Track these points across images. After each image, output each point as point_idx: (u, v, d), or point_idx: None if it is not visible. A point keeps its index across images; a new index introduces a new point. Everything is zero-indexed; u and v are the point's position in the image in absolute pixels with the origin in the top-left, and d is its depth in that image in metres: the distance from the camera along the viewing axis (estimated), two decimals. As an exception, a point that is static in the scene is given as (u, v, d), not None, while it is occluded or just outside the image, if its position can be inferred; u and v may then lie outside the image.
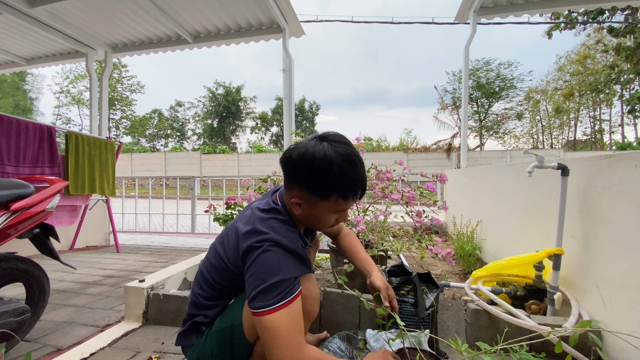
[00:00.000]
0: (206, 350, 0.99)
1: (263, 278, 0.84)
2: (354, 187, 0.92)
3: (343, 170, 0.88)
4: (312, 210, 0.96)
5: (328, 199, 0.92)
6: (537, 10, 3.82)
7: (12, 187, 1.38)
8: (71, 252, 3.63)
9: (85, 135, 3.33)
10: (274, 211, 0.98)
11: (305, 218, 0.99)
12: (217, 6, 3.53)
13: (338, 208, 0.95)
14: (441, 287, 1.49)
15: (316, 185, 0.90)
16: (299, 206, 0.96)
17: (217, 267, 1.00)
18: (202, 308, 1.03)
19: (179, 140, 35.88)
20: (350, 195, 0.93)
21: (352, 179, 0.91)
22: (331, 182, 0.89)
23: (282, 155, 0.97)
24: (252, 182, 2.51)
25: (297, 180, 0.93)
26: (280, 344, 0.81)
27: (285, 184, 1.00)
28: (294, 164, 0.92)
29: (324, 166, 0.87)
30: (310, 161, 0.88)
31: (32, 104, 28.94)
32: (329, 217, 0.98)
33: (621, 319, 1.17)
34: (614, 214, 1.21)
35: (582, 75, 23.37)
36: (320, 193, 0.91)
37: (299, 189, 0.93)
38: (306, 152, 0.89)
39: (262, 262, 0.86)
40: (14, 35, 4.10)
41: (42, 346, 1.51)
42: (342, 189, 0.90)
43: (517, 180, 2.14)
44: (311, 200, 0.93)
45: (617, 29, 18.61)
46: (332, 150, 0.89)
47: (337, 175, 0.88)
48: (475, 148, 22.76)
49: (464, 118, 4.32)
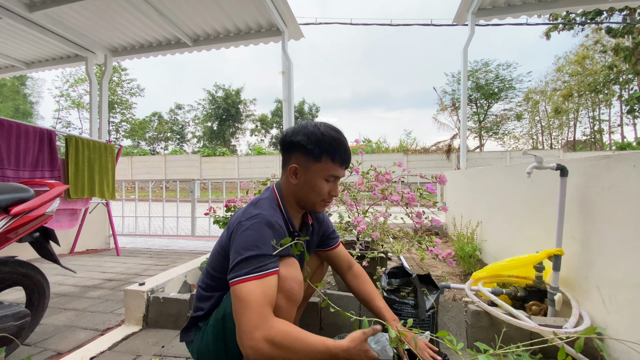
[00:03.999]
0: (204, 343, 1.03)
1: (240, 252, 0.91)
2: (339, 151, 1.07)
3: (331, 136, 1.06)
4: (306, 176, 1.08)
5: (320, 160, 1.05)
6: (535, 11, 3.84)
7: (12, 191, 1.38)
8: (71, 256, 3.63)
9: (85, 139, 3.33)
10: (265, 198, 1.10)
11: (301, 190, 1.10)
12: (216, 10, 3.55)
13: (329, 172, 1.08)
14: (441, 288, 1.49)
15: (309, 146, 1.04)
16: (296, 174, 1.08)
17: (214, 257, 1.08)
18: (201, 300, 1.08)
19: (179, 143, 35.89)
20: (337, 157, 1.07)
21: (338, 144, 1.07)
22: (322, 143, 1.04)
23: (279, 138, 1.15)
24: (252, 185, 2.51)
25: (293, 145, 1.07)
26: (248, 313, 0.82)
27: (283, 161, 1.14)
28: (292, 132, 1.09)
29: (315, 131, 1.06)
30: (304, 127, 1.08)
31: (32, 107, 28.96)
32: (322, 184, 1.09)
33: (621, 319, 1.17)
34: (613, 214, 1.22)
35: (581, 76, 23.37)
36: (313, 153, 1.05)
37: (295, 155, 1.08)
38: (301, 123, 1.11)
39: (242, 238, 0.93)
40: (14, 39, 4.11)
41: (42, 350, 1.51)
42: (330, 151, 1.05)
43: (517, 181, 2.14)
44: (306, 164, 1.07)
45: (615, 29, 18.67)
46: (321, 123, 1.10)
47: (326, 138, 1.05)
48: (475, 149, 22.77)
49: (463, 119, 4.33)
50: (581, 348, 0.78)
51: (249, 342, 0.80)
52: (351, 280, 1.32)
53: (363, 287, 1.29)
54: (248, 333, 0.81)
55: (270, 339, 0.81)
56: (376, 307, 1.22)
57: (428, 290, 1.42)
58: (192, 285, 2.16)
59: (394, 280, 1.51)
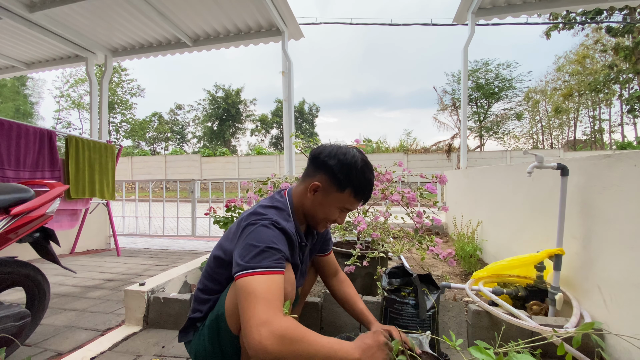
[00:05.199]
0: (201, 345, 1.02)
1: (252, 244, 0.89)
2: (365, 188, 1.07)
3: (363, 171, 1.05)
4: (324, 199, 1.07)
5: (343, 191, 1.05)
6: (535, 10, 3.83)
7: (12, 192, 1.38)
8: (71, 256, 3.63)
9: (85, 139, 3.33)
10: (277, 202, 1.09)
11: (312, 207, 1.09)
12: (216, 10, 3.55)
13: (345, 204, 1.08)
14: (442, 288, 1.49)
15: (339, 174, 1.03)
16: (315, 192, 1.07)
17: (215, 258, 1.07)
18: (200, 302, 1.07)
19: (179, 143, 35.90)
20: (360, 195, 1.07)
21: (367, 181, 1.07)
22: (351, 176, 1.03)
23: (313, 149, 1.13)
24: (252, 185, 2.51)
25: (325, 166, 1.05)
26: (257, 307, 0.77)
27: (307, 173, 1.12)
28: (328, 154, 1.06)
29: (351, 162, 1.04)
30: (342, 153, 1.06)
31: (33, 108, 29.00)
32: (334, 211, 1.10)
33: (623, 318, 1.16)
34: (614, 213, 1.21)
35: (581, 75, 23.35)
36: (339, 183, 1.04)
37: (322, 176, 1.06)
38: (341, 147, 1.09)
39: (255, 234, 0.92)
40: (14, 40, 4.12)
41: (43, 351, 1.51)
42: (357, 187, 1.05)
43: (517, 181, 2.14)
44: (328, 189, 1.06)
45: (615, 28, 18.67)
46: (359, 154, 1.08)
47: (357, 173, 1.04)
48: (475, 149, 22.75)
49: (464, 119, 4.33)
50: (579, 343, 0.78)
51: (257, 337, 0.74)
52: (335, 285, 1.37)
53: (347, 290, 1.33)
54: (255, 327, 0.75)
55: (280, 335, 0.75)
56: (358, 309, 1.25)
57: (429, 290, 1.41)
58: (192, 285, 2.16)
59: (395, 280, 1.51)
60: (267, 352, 0.74)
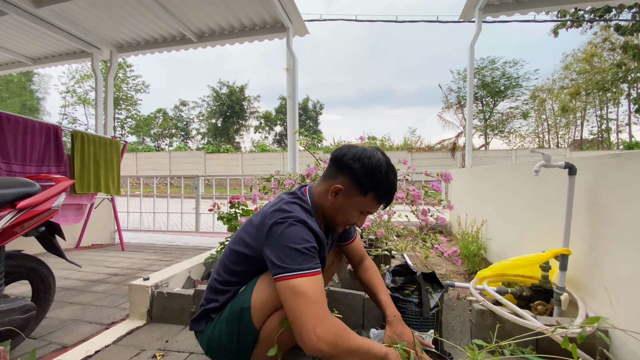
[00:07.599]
0: (215, 335, 1.03)
1: (288, 246, 0.90)
2: (388, 193, 1.06)
3: (387, 175, 1.03)
4: (345, 202, 1.05)
5: (365, 195, 1.03)
6: (543, 7, 3.78)
7: (18, 186, 1.39)
8: (77, 250, 3.66)
9: (90, 135, 3.35)
10: (300, 199, 1.07)
11: (332, 209, 1.08)
12: (221, 6, 3.54)
13: (367, 207, 1.07)
14: (446, 287, 1.48)
15: (363, 178, 1.01)
16: (336, 194, 1.05)
17: (236, 252, 1.06)
18: (217, 292, 1.07)
19: (184, 139, 36.06)
20: (383, 199, 1.06)
21: (390, 185, 1.05)
22: (375, 180, 1.01)
23: (336, 150, 1.11)
24: (256, 182, 2.51)
25: (348, 169, 1.03)
26: (311, 309, 0.83)
27: (329, 174, 1.09)
28: (352, 157, 1.03)
29: (376, 166, 1.01)
30: (366, 156, 1.03)
31: (39, 103, 29.28)
32: (354, 214, 1.08)
33: (629, 320, 1.15)
34: (622, 213, 1.19)
35: (589, 74, 23.03)
36: (362, 186, 1.02)
37: (345, 178, 1.04)
38: (366, 150, 1.05)
39: (288, 234, 0.92)
40: (21, 35, 4.14)
41: (48, 343, 1.52)
42: (380, 191, 1.04)
43: (523, 180, 2.11)
44: (351, 192, 1.04)
45: (624, 27, 18.36)
46: (383, 157, 1.05)
47: (382, 177, 1.02)
48: (480, 147, 22.61)
49: (469, 117, 4.29)
50: (583, 339, 0.77)
51: (314, 339, 0.81)
52: (360, 273, 1.36)
53: (371, 280, 1.30)
54: (312, 329, 0.82)
55: (334, 335, 0.83)
56: (380, 301, 1.22)
57: (432, 289, 1.41)
58: (196, 280, 2.17)
59: (398, 278, 1.50)
60: (324, 352, 0.82)
